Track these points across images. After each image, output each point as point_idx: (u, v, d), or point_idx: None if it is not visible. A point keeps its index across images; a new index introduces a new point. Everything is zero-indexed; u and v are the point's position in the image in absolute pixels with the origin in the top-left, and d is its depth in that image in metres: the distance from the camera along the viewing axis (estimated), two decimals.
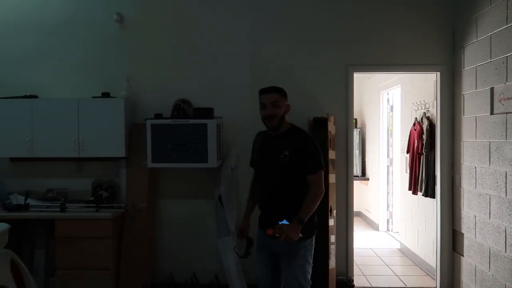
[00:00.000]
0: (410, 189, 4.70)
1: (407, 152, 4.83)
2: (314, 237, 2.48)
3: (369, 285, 4.14)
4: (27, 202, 3.59)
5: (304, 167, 2.37)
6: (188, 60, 4.02)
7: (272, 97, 2.43)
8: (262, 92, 2.47)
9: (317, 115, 3.76)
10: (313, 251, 2.48)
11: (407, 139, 4.81)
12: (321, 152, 2.44)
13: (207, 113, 3.65)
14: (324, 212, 3.26)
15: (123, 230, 3.63)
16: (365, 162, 7.32)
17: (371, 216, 6.95)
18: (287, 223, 2.27)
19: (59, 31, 4.05)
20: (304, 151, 2.38)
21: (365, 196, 7.26)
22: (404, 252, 5.26)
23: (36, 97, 3.93)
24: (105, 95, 3.82)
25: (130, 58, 4.04)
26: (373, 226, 6.74)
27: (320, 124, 3.60)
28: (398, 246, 5.53)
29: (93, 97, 3.80)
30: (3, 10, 4.08)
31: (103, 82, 3.99)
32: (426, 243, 4.52)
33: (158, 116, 3.75)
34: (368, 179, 7.08)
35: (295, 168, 2.37)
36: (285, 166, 2.38)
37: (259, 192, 2.58)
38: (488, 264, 3.26)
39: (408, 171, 4.81)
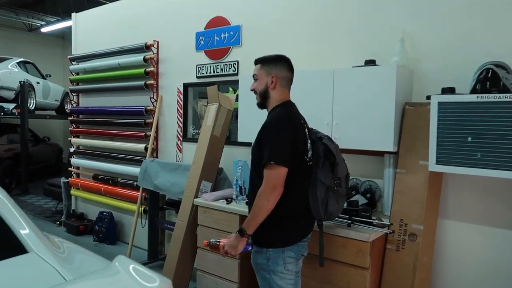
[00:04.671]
0: None
1: None
2: (289, 248, 2.02)
3: None
4: None
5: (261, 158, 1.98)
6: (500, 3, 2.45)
7: (254, 70, 2.18)
8: None
9: None
10: (290, 266, 2.02)
11: None
12: (282, 141, 1.94)
13: None
14: None
15: (383, 260, 2.50)
16: None
17: None
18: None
19: None
20: (259, 138, 2.03)
21: None
22: None
23: None
24: (370, 62, 2.74)
25: (406, 10, 2.81)
26: None
27: None
28: None
29: (353, 67, 2.79)
30: None
31: (367, 47, 2.94)
32: None
33: (449, 90, 2.40)
34: None
35: (256, 159, 2.04)
36: (252, 157, 2.10)
37: None
38: None
39: None
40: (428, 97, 2.50)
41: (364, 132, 2.62)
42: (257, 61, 2.20)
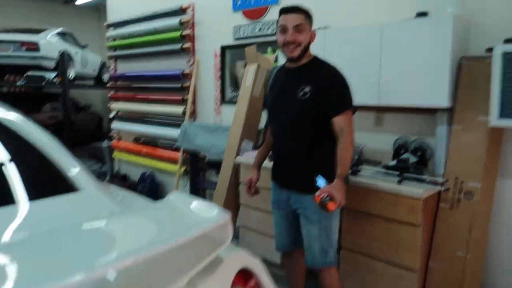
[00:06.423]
0: None
1: None
2: None
3: None
4: None
5: (329, 106, 1.95)
6: None
7: (296, 19, 1.97)
8: (284, 11, 2.00)
9: None
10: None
11: None
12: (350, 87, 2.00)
13: None
14: None
15: (436, 217, 2.42)
16: None
17: None
18: (324, 183, 1.85)
19: None
20: (331, 86, 1.96)
21: None
22: None
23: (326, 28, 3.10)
24: (422, 15, 2.57)
25: None
26: None
27: None
28: None
29: (403, 20, 2.62)
30: None
31: None
32: None
33: None
34: None
35: (317, 108, 1.97)
36: (305, 106, 1.99)
37: (273, 139, 2.23)
38: None
39: None
40: (488, 50, 2.33)
41: (416, 88, 2.49)
42: (299, 10, 1.99)
